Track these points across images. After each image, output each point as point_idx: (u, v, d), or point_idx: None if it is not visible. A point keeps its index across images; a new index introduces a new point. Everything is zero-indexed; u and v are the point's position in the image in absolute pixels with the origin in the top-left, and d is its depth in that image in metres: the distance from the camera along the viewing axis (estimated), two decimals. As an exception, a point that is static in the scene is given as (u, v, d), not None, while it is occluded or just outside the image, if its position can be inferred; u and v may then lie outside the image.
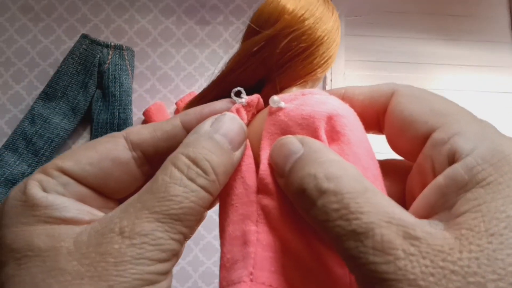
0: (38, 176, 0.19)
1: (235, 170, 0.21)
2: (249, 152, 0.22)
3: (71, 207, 0.18)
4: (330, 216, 0.16)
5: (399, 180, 0.21)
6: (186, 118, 0.23)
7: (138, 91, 0.82)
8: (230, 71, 0.24)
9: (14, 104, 0.80)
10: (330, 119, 0.20)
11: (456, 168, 0.16)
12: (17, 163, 0.75)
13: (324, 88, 0.84)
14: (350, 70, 0.85)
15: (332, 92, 0.23)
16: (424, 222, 0.16)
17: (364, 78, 0.85)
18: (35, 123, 0.76)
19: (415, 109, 0.19)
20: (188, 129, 0.22)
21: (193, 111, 0.23)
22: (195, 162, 0.19)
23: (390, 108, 0.20)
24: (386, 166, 0.21)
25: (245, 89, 0.23)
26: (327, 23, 0.24)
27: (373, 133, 0.23)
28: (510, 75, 0.89)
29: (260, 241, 0.19)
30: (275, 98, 0.21)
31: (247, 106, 0.23)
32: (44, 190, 0.19)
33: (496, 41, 0.90)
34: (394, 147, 0.21)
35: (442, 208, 0.16)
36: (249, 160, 0.22)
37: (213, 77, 0.25)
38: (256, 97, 0.23)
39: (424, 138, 0.18)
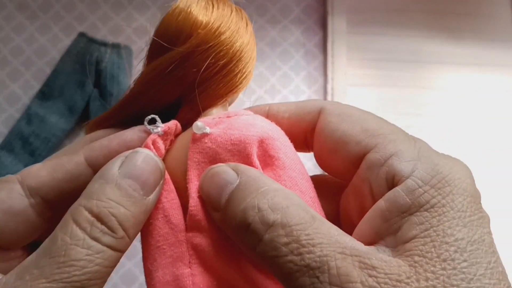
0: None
1: (156, 208, 0.19)
2: (170, 187, 0.20)
3: None
4: (280, 251, 0.15)
5: (332, 198, 0.21)
6: (91, 154, 0.20)
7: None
8: (140, 92, 0.22)
9: (10, 103, 0.79)
10: (262, 143, 0.19)
11: (398, 192, 0.16)
12: (13, 163, 0.74)
13: (325, 88, 0.83)
14: (351, 69, 0.84)
15: (255, 110, 0.22)
16: (374, 249, 0.15)
17: (365, 76, 0.84)
18: (32, 122, 0.75)
19: (346, 128, 0.18)
20: (94, 167, 0.19)
21: (99, 145, 0.20)
22: (99, 218, 0.16)
23: (319, 127, 0.19)
24: (317, 183, 0.20)
25: (158, 112, 0.21)
26: (243, 35, 0.22)
27: (300, 151, 0.21)
28: (514, 74, 0.88)
29: (196, 284, 0.18)
30: (198, 123, 0.20)
31: (163, 135, 0.20)
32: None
33: (498, 40, 0.89)
34: (325, 166, 0.20)
35: (386, 233, 0.16)
36: (171, 196, 0.20)
37: (122, 97, 0.23)
38: (173, 124, 0.21)
39: (358, 159, 0.18)
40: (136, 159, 0.18)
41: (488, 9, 0.90)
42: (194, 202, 0.19)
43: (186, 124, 0.21)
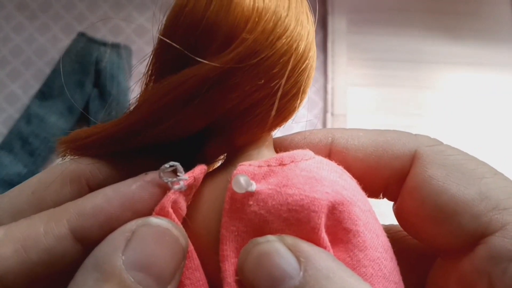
0: None
1: None
2: (194, 263, 0.14)
3: None
4: None
5: (414, 268, 0.15)
6: (80, 223, 0.13)
7: (136, 90, 0.81)
8: (148, 121, 0.14)
9: (10, 103, 0.78)
10: (333, 209, 0.13)
11: None
12: (13, 163, 0.74)
13: (325, 87, 0.83)
14: (352, 68, 0.84)
15: (312, 141, 0.16)
16: None
17: (365, 76, 0.84)
18: (31, 122, 0.75)
19: (458, 192, 0.13)
20: (85, 242, 0.13)
21: (90, 207, 0.13)
22: None
23: (415, 181, 0.14)
24: (397, 245, 0.15)
25: (174, 145, 0.14)
26: (305, 35, 0.15)
27: (371, 198, 0.16)
28: (514, 74, 0.88)
29: None
30: (241, 179, 0.13)
31: (186, 190, 0.14)
32: None
33: (498, 40, 0.89)
34: (413, 231, 0.15)
35: None
36: (195, 276, 0.14)
37: (119, 117, 0.15)
38: (201, 172, 0.14)
39: (474, 238, 0.13)
40: (148, 237, 0.12)
41: (488, 9, 0.90)
42: None
43: (213, 162, 0.15)
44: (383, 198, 0.16)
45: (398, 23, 0.87)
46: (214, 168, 0.16)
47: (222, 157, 0.16)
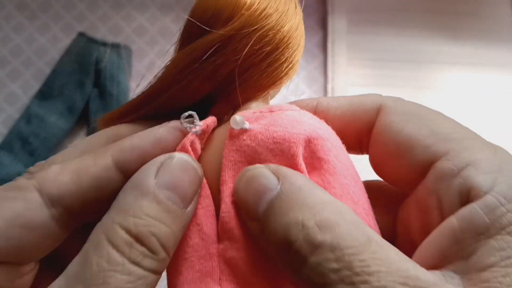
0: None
1: None
2: (206, 192, 0.18)
3: None
4: (328, 279, 0.12)
5: (388, 209, 0.18)
6: (121, 156, 0.17)
7: (135, 90, 0.81)
8: (169, 83, 0.19)
9: (10, 103, 0.78)
10: (309, 143, 0.17)
11: (474, 209, 0.13)
12: (13, 163, 0.74)
13: (325, 87, 0.83)
14: (352, 69, 0.84)
15: (301, 105, 0.19)
16: (441, 278, 0.13)
17: (365, 76, 0.84)
18: (31, 122, 0.75)
19: (412, 130, 0.16)
20: (125, 172, 0.17)
21: (129, 145, 0.17)
22: (138, 239, 0.14)
23: (379, 128, 0.17)
24: (371, 191, 0.17)
25: (189, 106, 0.18)
26: (292, 18, 0.20)
27: (353, 154, 0.19)
28: (514, 74, 0.88)
29: None
30: (237, 118, 0.17)
31: (201, 134, 0.18)
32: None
33: (499, 40, 0.89)
34: (382, 173, 0.18)
35: (457, 256, 0.13)
36: (206, 202, 0.17)
37: (145, 87, 0.20)
38: (212, 121, 0.19)
39: (425, 166, 0.15)
40: (174, 166, 0.16)
41: (488, 9, 0.90)
42: (226, 207, 0.17)
43: (221, 120, 0.19)
44: (362, 153, 0.19)
45: (398, 23, 0.87)
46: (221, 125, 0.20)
47: (227, 117, 0.19)
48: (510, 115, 0.87)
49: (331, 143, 0.17)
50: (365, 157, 0.19)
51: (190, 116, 0.18)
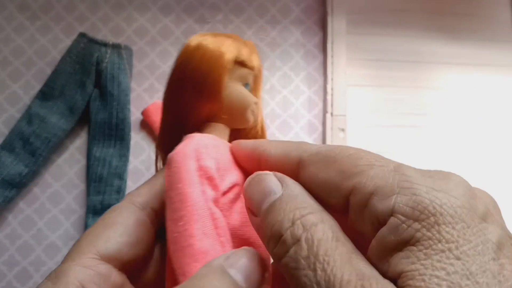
0: (77, 274, 0.18)
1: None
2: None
3: None
4: (299, 264, 0.15)
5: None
6: None
7: (136, 90, 0.81)
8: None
9: (11, 103, 0.79)
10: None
11: (383, 232, 0.15)
12: (14, 163, 0.74)
13: (325, 88, 0.83)
14: (351, 69, 0.84)
15: (244, 147, 0.23)
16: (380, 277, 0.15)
17: (365, 76, 0.84)
18: (32, 123, 0.75)
19: (324, 176, 0.18)
20: None
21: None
22: None
23: (301, 180, 0.19)
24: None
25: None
26: (190, 57, 0.25)
27: None
28: (513, 74, 0.88)
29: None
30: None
31: None
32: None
33: (498, 40, 0.89)
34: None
35: (382, 273, 0.15)
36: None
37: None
38: None
39: (344, 204, 0.17)
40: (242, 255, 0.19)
41: (488, 9, 0.90)
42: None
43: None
44: None
45: (398, 24, 0.87)
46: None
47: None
48: (510, 115, 0.87)
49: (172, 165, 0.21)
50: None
51: None
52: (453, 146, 0.84)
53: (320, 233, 0.16)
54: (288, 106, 0.83)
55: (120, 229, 0.20)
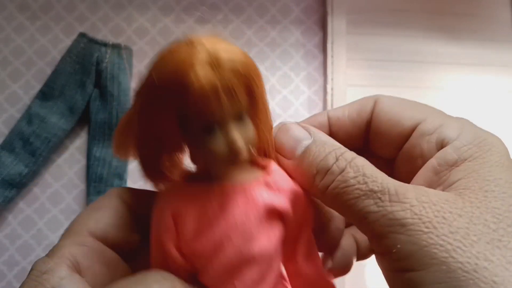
0: (72, 250, 0.19)
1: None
2: None
3: None
4: (349, 183, 0.18)
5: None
6: None
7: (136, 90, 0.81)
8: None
9: (11, 103, 0.79)
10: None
11: (447, 150, 0.19)
12: (14, 163, 0.74)
13: (325, 88, 0.83)
14: (351, 69, 0.84)
15: (313, 122, 0.24)
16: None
17: (365, 76, 0.84)
18: (32, 123, 0.75)
19: (400, 109, 0.22)
20: None
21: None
22: None
23: (377, 111, 0.23)
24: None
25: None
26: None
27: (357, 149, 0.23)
28: (513, 74, 0.88)
29: None
30: None
31: None
32: (78, 268, 0.19)
33: (499, 40, 0.89)
34: (378, 146, 0.24)
35: (437, 184, 0.19)
36: None
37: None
38: None
39: (410, 130, 0.22)
40: None
41: (488, 9, 0.90)
42: None
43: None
44: (366, 146, 0.24)
45: (398, 24, 0.87)
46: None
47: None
48: (509, 116, 0.87)
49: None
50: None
51: None
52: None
53: (361, 161, 0.19)
54: (288, 106, 0.83)
55: (108, 212, 0.21)
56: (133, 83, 0.81)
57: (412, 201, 0.17)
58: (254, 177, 0.20)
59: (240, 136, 0.18)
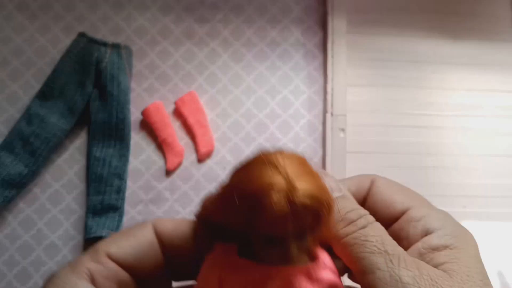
0: (90, 265, 0.21)
1: None
2: None
3: None
4: (368, 239, 0.22)
5: None
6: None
7: (136, 90, 0.81)
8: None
9: (11, 103, 0.79)
10: None
11: (431, 237, 0.23)
12: (14, 163, 0.74)
13: (325, 88, 0.83)
14: (351, 69, 0.84)
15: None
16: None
17: (365, 76, 0.84)
18: (32, 123, 0.75)
19: (393, 193, 0.26)
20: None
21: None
22: None
23: (373, 191, 0.26)
24: None
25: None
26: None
27: None
28: (514, 74, 0.88)
29: None
30: None
31: None
32: (93, 281, 0.21)
33: (498, 40, 0.89)
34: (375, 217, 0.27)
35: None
36: None
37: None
38: None
39: (400, 214, 0.25)
40: None
41: (488, 9, 0.90)
42: None
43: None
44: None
45: (398, 24, 0.87)
46: None
47: None
48: (510, 115, 0.87)
49: None
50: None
51: None
52: (452, 146, 0.84)
53: (380, 225, 0.23)
54: (288, 106, 0.83)
55: (133, 241, 0.22)
56: (133, 83, 0.81)
57: (415, 271, 0.20)
58: (300, 263, 0.22)
59: (297, 251, 0.21)
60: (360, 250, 0.21)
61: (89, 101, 0.77)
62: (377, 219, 0.25)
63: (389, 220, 0.25)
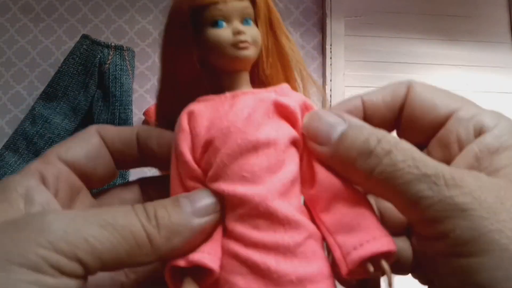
0: (39, 167, 0.20)
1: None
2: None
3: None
4: (398, 166, 0.18)
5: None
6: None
7: (138, 91, 0.82)
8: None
9: (15, 104, 0.80)
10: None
11: (487, 137, 0.20)
12: (17, 163, 0.75)
13: (324, 87, 0.84)
14: (349, 70, 0.85)
15: (348, 106, 0.24)
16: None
17: (363, 78, 0.85)
18: (36, 123, 0.76)
19: (435, 96, 0.22)
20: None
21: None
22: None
23: (411, 97, 0.22)
24: None
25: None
26: None
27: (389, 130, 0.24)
28: (509, 76, 0.89)
29: None
30: None
31: None
32: (44, 181, 0.20)
33: (495, 42, 0.90)
34: (410, 132, 0.23)
35: (478, 170, 0.19)
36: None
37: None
38: None
39: (445, 118, 0.21)
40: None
41: (485, 11, 0.91)
42: None
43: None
44: (397, 128, 0.24)
45: (395, 26, 0.88)
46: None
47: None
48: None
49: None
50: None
51: None
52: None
53: (407, 144, 0.19)
54: (287, 107, 0.84)
55: (82, 143, 0.22)
56: (135, 84, 0.82)
57: (471, 186, 0.17)
58: (265, 89, 0.22)
59: (245, 30, 0.21)
60: (394, 184, 0.18)
61: (92, 102, 0.78)
62: (419, 129, 0.22)
63: (434, 127, 0.22)
